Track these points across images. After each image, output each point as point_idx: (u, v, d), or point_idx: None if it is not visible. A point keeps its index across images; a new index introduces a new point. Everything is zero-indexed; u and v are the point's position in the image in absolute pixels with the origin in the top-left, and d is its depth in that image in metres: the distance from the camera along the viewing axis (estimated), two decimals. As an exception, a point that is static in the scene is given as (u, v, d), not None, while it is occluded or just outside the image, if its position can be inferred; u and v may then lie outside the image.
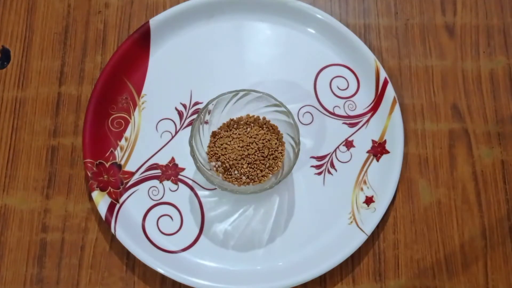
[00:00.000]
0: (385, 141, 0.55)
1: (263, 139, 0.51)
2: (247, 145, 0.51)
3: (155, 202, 0.54)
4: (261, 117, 0.52)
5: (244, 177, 0.50)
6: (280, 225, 0.53)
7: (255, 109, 0.52)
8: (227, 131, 0.52)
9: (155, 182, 0.54)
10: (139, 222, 0.53)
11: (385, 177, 0.53)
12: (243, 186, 0.50)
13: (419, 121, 0.57)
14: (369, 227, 0.52)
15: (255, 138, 0.51)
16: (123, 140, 0.55)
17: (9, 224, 0.54)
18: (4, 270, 0.52)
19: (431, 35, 0.59)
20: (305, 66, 0.57)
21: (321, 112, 0.56)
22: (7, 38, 0.59)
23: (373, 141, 0.55)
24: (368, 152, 0.55)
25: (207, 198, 0.54)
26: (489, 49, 0.59)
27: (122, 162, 0.55)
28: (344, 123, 0.56)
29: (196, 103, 0.56)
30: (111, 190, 0.53)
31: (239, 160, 0.50)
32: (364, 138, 0.55)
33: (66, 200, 0.54)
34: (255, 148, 0.51)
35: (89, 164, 0.53)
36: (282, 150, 0.51)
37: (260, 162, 0.51)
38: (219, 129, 0.53)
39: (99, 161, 0.54)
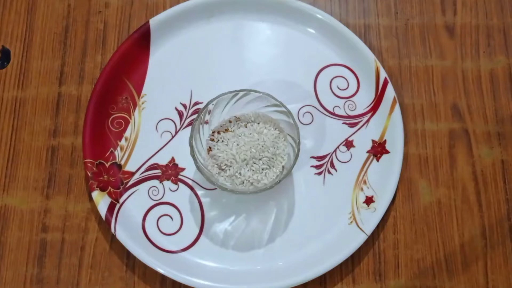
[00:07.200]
0: (385, 141, 0.55)
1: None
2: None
3: (155, 202, 0.54)
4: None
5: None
6: (280, 225, 0.53)
7: (255, 109, 0.52)
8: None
9: (155, 182, 0.54)
10: (139, 222, 0.53)
11: (385, 177, 0.53)
12: (243, 186, 0.50)
13: (419, 121, 0.57)
14: (369, 227, 0.52)
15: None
16: (123, 140, 0.55)
17: (9, 224, 0.54)
18: (4, 270, 0.52)
19: (431, 35, 0.59)
20: (305, 66, 0.57)
21: (321, 112, 0.56)
22: (7, 38, 0.59)
23: (373, 141, 0.55)
24: (368, 152, 0.55)
25: (207, 198, 0.54)
26: (489, 49, 0.59)
27: (122, 162, 0.55)
28: (344, 123, 0.56)
29: (196, 103, 0.56)
30: (111, 190, 0.53)
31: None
32: (364, 138, 0.55)
33: (66, 200, 0.54)
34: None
35: (89, 164, 0.53)
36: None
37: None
38: (219, 128, 0.52)
39: (99, 161, 0.54)
